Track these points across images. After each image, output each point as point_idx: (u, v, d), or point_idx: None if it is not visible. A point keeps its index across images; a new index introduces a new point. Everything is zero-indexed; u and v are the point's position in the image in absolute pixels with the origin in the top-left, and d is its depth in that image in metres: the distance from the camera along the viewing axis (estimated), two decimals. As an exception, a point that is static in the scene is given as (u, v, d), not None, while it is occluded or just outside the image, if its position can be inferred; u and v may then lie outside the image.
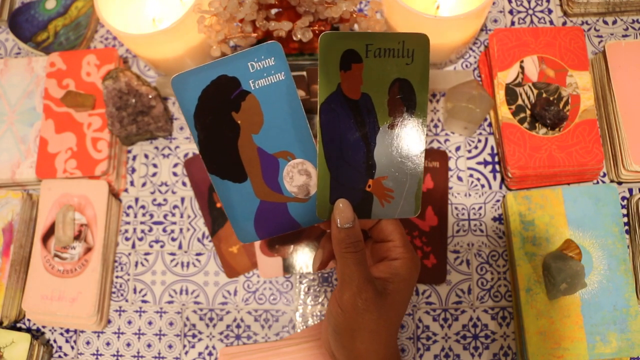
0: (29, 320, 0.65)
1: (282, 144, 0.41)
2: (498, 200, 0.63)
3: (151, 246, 0.65)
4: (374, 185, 0.41)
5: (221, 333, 0.62)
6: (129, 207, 0.67)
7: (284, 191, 0.42)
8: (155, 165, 0.68)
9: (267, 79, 0.40)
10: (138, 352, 0.62)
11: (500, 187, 0.63)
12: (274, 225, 0.42)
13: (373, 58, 0.39)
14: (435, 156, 0.63)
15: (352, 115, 0.40)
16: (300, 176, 0.42)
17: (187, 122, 0.40)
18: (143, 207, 0.67)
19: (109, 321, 0.64)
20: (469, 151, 0.65)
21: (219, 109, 0.40)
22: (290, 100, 0.40)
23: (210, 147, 0.41)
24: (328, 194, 0.41)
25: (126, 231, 0.66)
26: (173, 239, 0.65)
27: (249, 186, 0.42)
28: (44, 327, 0.65)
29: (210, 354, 0.61)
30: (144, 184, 0.68)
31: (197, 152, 0.67)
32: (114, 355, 0.62)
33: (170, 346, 0.62)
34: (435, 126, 0.66)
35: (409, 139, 0.41)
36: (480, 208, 0.63)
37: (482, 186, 0.63)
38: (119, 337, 0.63)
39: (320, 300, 0.61)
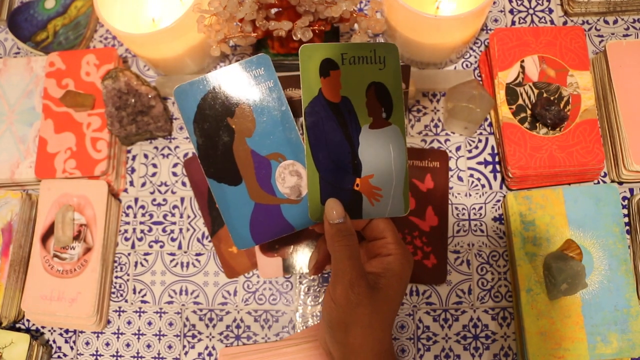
0: (28, 320, 0.65)
1: (274, 146, 0.44)
2: (498, 201, 0.63)
3: (151, 246, 0.65)
4: (362, 184, 0.43)
5: (221, 333, 0.62)
6: (129, 207, 0.67)
7: (277, 193, 0.44)
8: (154, 165, 0.68)
9: (258, 86, 0.44)
10: (138, 353, 0.62)
11: (501, 187, 0.63)
12: (269, 229, 0.44)
13: (349, 65, 0.43)
14: (436, 156, 0.63)
15: (335, 117, 0.43)
16: (291, 177, 0.44)
17: (187, 128, 0.44)
18: (142, 207, 0.67)
19: (108, 321, 0.63)
20: (470, 151, 0.65)
21: (216, 115, 0.44)
22: (280, 105, 0.44)
23: (207, 151, 0.44)
24: (318, 195, 0.42)
25: (126, 231, 0.66)
26: (173, 239, 0.65)
27: (243, 189, 0.44)
28: (43, 327, 0.65)
29: (210, 354, 0.61)
30: (143, 184, 0.68)
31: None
32: (113, 356, 0.62)
33: (169, 347, 0.62)
34: (436, 126, 0.66)
35: (390, 137, 0.43)
36: (480, 208, 0.63)
37: (483, 186, 0.63)
38: (118, 337, 0.63)
39: (320, 300, 0.61)
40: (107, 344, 0.63)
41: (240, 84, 0.44)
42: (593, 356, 0.54)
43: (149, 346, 0.62)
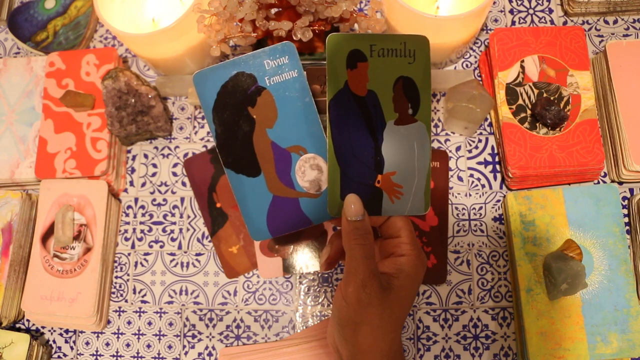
0: (28, 320, 0.65)
1: (295, 139, 0.43)
2: (498, 201, 0.63)
3: (151, 246, 0.65)
4: (383, 180, 0.42)
5: (221, 333, 0.62)
6: (129, 207, 0.67)
7: (296, 186, 0.43)
8: (154, 165, 0.68)
9: (281, 75, 0.42)
10: (137, 353, 0.62)
11: (501, 187, 0.63)
12: (286, 222, 0.44)
13: (377, 57, 0.41)
14: (436, 156, 0.63)
15: (360, 111, 0.41)
16: (312, 171, 0.43)
17: (205, 116, 0.43)
18: (142, 207, 0.67)
19: (108, 321, 0.63)
20: (470, 151, 0.65)
21: (236, 104, 0.42)
22: (303, 96, 0.42)
23: (226, 140, 0.43)
24: (338, 190, 0.42)
25: (126, 231, 0.66)
26: (173, 239, 0.65)
27: (262, 181, 0.43)
28: (43, 327, 0.65)
29: (210, 354, 0.61)
30: (143, 184, 0.67)
31: (197, 151, 0.67)
32: (113, 356, 0.62)
33: (169, 347, 0.62)
34: (436, 126, 0.66)
35: (414, 134, 0.42)
36: (480, 208, 0.63)
37: (483, 186, 0.63)
38: (118, 337, 0.63)
39: (320, 300, 0.61)
40: (107, 344, 0.63)
41: (263, 72, 0.42)
42: (593, 356, 0.54)
43: (149, 346, 0.62)
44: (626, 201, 0.61)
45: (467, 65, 0.68)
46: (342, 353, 0.41)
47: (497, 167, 0.64)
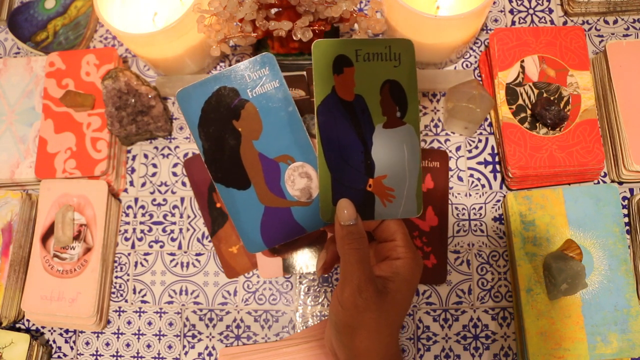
0: (28, 320, 0.65)
1: (282, 148, 0.43)
2: (498, 201, 0.63)
3: (151, 246, 0.65)
4: (375, 184, 0.42)
5: (221, 333, 0.62)
6: (129, 207, 0.67)
7: (287, 195, 0.43)
8: (154, 165, 0.68)
9: (263, 87, 0.42)
10: (138, 353, 0.62)
11: (501, 187, 0.63)
12: (280, 232, 0.44)
13: (363, 62, 0.42)
14: (436, 156, 0.63)
15: (348, 116, 0.42)
16: (301, 179, 0.43)
17: (192, 133, 0.43)
18: (142, 207, 0.67)
19: (108, 321, 0.63)
20: (469, 151, 0.65)
21: (221, 118, 0.42)
22: (286, 105, 0.43)
23: (214, 155, 0.43)
24: (330, 195, 0.42)
25: (126, 231, 0.66)
26: (173, 239, 0.65)
27: (253, 193, 0.43)
28: (43, 327, 0.65)
29: (210, 354, 0.61)
30: (143, 184, 0.67)
31: (196, 152, 0.67)
32: (113, 356, 0.62)
33: (169, 347, 0.62)
34: (436, 126, 0.66)
35: (404, 137, 0.42)
36: (480, 208, 0.63)
37: (483, 186, 0.63)
38: (118, 337, 0.63)
39: (320, 300, 0.61)
40: (107, 344, 0.63)
41: (245, 84, 0.42)
42: (593, 356, 0.54)
43: (149, 346, 0.62)
44: (626, 201, 0.61)
45: (467, 65, 0.68)
46: (339, 357, 0.41)
47: (497, 167, 0.64)
